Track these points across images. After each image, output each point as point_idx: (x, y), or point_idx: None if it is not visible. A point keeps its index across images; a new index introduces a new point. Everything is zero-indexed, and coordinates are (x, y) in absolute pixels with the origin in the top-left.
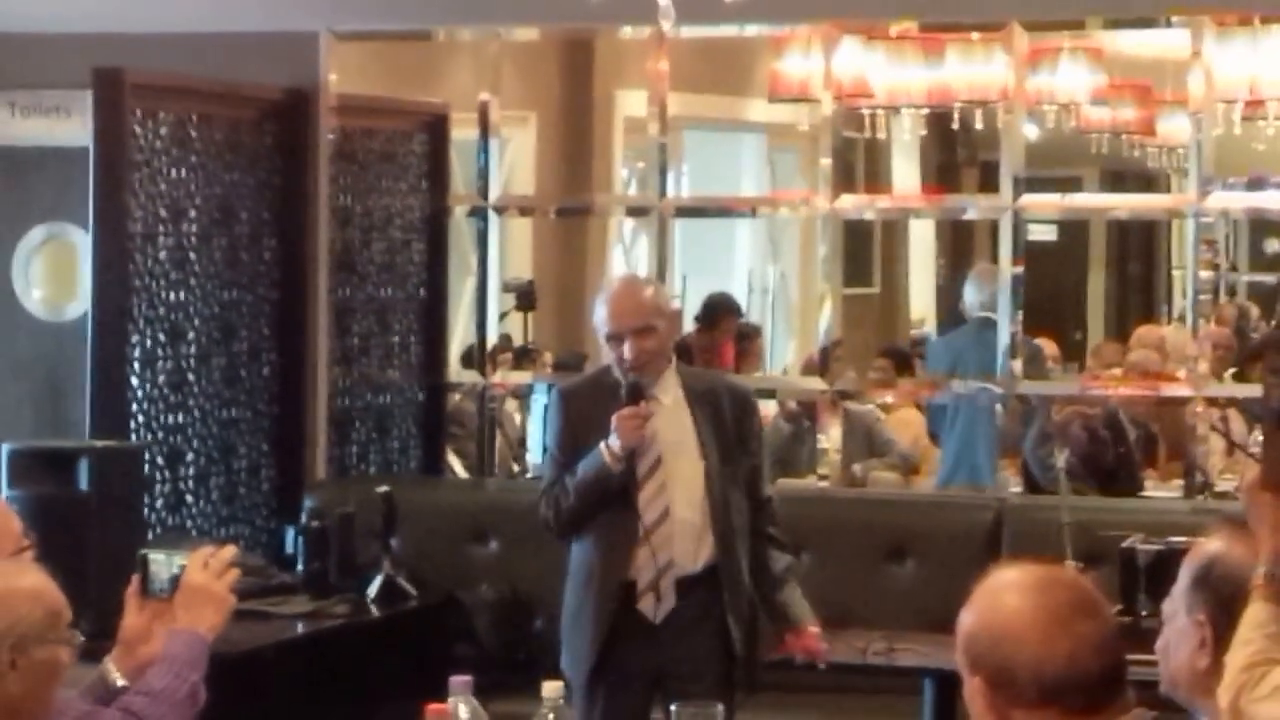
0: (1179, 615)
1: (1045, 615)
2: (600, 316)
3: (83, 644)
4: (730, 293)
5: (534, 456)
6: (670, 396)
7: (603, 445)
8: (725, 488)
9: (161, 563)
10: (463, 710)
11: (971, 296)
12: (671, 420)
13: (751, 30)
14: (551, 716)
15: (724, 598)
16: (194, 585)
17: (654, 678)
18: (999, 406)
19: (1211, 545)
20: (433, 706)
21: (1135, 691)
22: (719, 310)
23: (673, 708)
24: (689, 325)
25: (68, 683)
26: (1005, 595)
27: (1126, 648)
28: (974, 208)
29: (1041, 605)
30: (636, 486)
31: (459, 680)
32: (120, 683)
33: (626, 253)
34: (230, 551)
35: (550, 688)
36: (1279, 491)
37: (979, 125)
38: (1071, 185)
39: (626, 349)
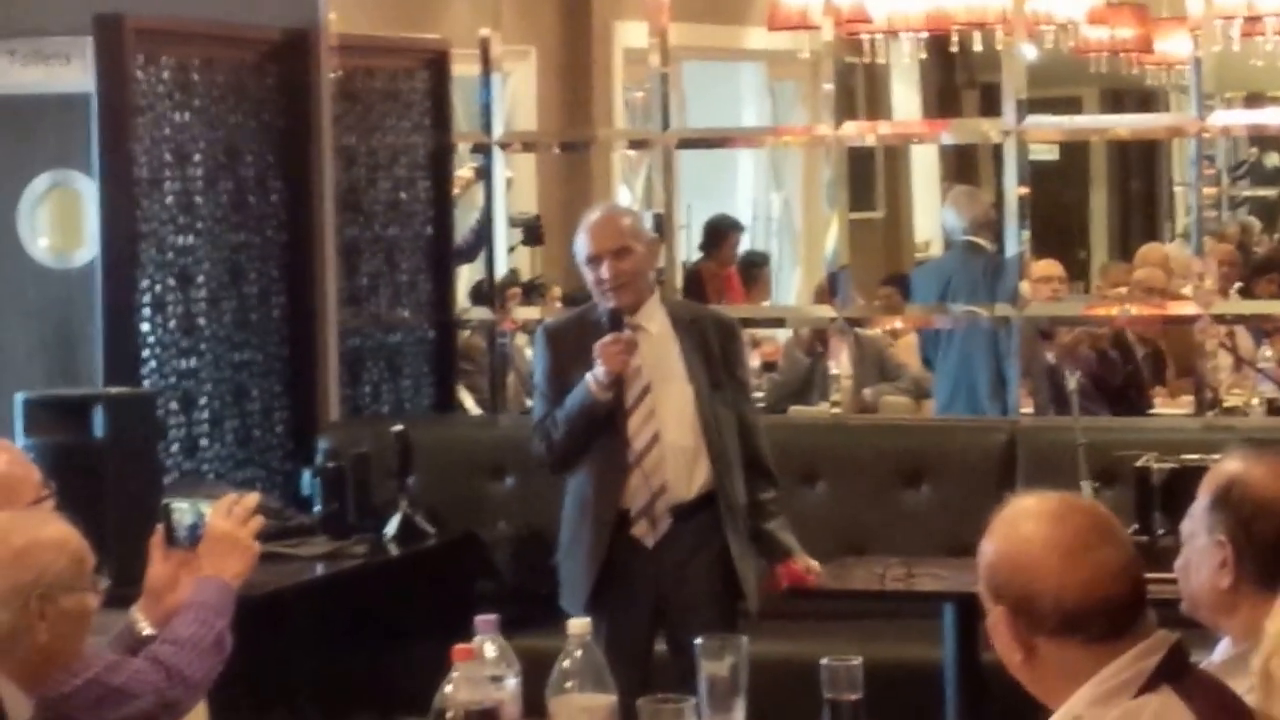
0: (1199, 535)
1: (1064, 543)
2: (580, 242)
3: (108, 587)
4: (730, 216)
5: None
6: (656, 325)
7: (588, 375)
8: (716, 411)
9: (185, 511)
10: (490, 650)
11: (952, 221)
12: (658, 348)
13: None
14: (579, 653)
15: (723, 520)
16: (218, 533)
17: (655, 606)
18: (1012, 330)
19: (1230, 465)
20: (459, 647)
21: (1155, 611)
22: (721, 229)
23: (697, 641)
24: (694, 254)
25: (96, 630)
26: (1024, 524)
27: (1146, 573)
28: (977, 134)
29: (1060, 533)
30: (625, 415)
31: (485, 620)
32: (147, 631)
33: (630, 185)
34: (253, 499)
35: (576, 625)
36: None
37: (978, 47)
38: (1071, 105)
39: (604, 269)
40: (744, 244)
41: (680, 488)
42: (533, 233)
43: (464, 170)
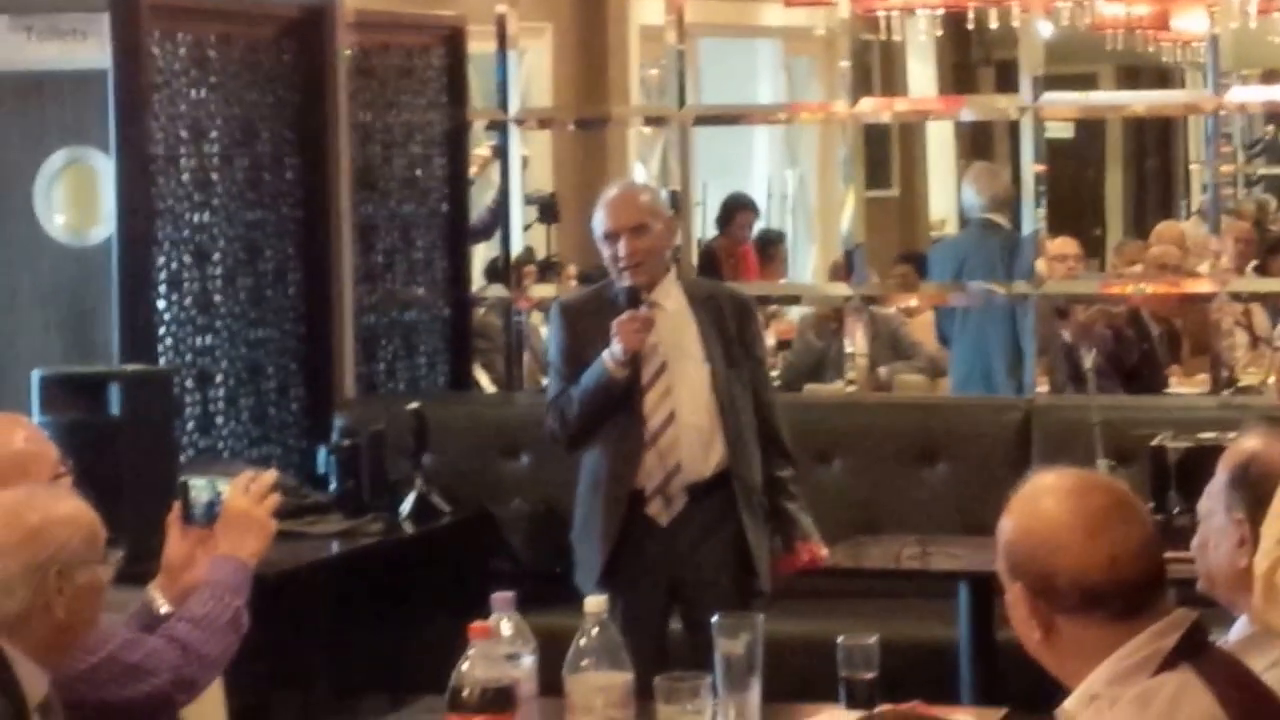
0: (1216, 514)
1: (1084, 520)
2: (598, 218)
3: (120, 560)
4: (745, 192)
5: None
6: (673, 302)
7: (605, 353)
8: (732, 390)
9: (203, 489)
10: (506, 627)
11: (971, 198)
12: (675, 326)
13: None
14: (596, 631)
15: (738, 499)
16: (235, 511)
17: (669, 585)
18: (1028, 307)
19: (1248, 443)
20: (476, 625)
21: (1173, 590)
22: (734, 207)
23: (713, 619)
24: (710, 231)
25: (113, 607)
26: (1043, 501)
27: (1166, 551)
28: (994, 110)
29: (1080, 510)
30: (641, 392)
31: (501, 597)
32: (164, 609)
33: (646, 162)
34: (271, 476)
35: (593, 603)
36: None
37: (994, 24)
38: (1086, 83)
39: (621, 246)
40: (759, 222)
41: (696, 467)
42: (548, 210)
43: (481, 149)
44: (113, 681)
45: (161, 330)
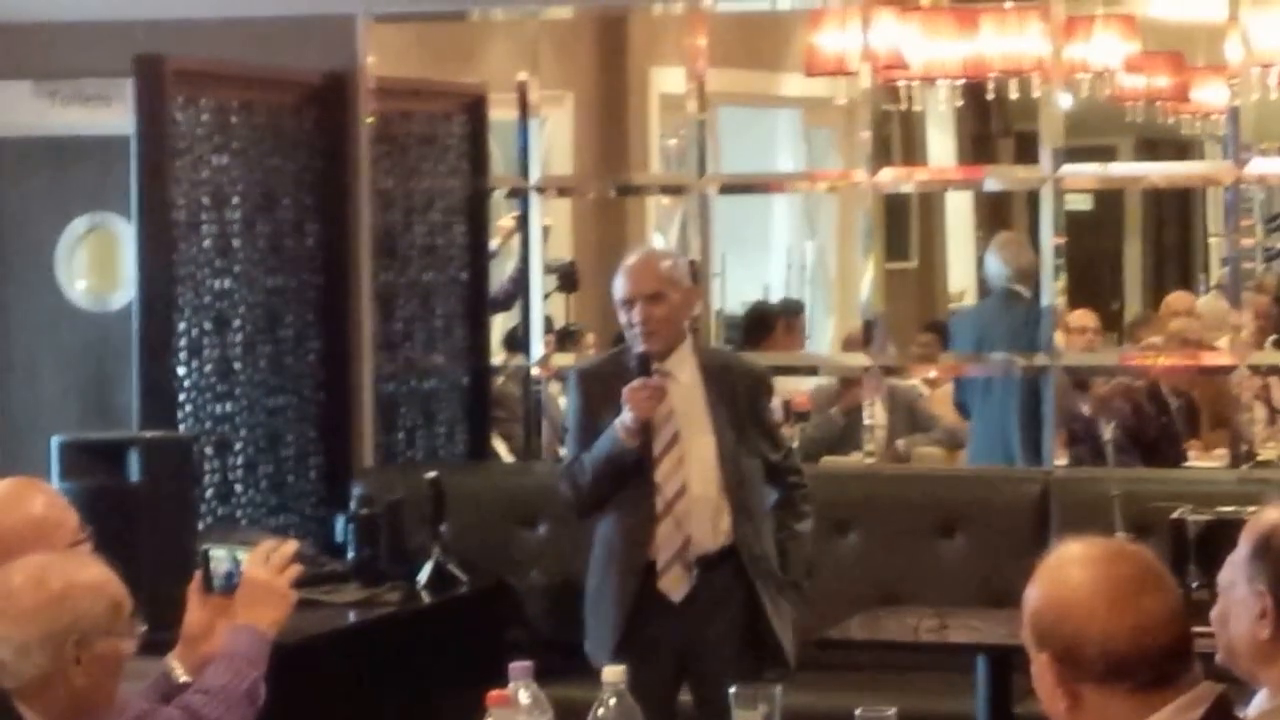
0: (1238, 585)
1: (1111, 590)
2: (616, 283)
3: (143, 634)
4: (768, 300)
5: None
6: (686, 373)
7: (617, 421)
8: (740, 463)
9: (223, 558)
10: (524, 696)
11: (996, 268)
12: (687, 397)
13: (786, 4)
14: (614, 701)
15: (749, 575)
16: (255, 581)
17: (679, 658)
18: (1047, 379)
19: (1272, 514)
20: (494, 693)
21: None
22: (775, 316)
23: (731, 690)
24: (729, 301)
25: (131, 676)
26: (1070, 570)
27: (1193, 622)
28: (1015, 181)
29: (1107, 580)
30: (654, 463)
31: (519, 666)
32: (183, 679)
33: (665, 231)
34: (292, 547)
35: (611, 673)
36: None
37: (1013, 96)
38: (1105, 154)
39: (636, 313)
40: (779, 292)
41: (704, 540)
42: (568, 279)
43: (505, 220)
44: None
45: (181, 397)
